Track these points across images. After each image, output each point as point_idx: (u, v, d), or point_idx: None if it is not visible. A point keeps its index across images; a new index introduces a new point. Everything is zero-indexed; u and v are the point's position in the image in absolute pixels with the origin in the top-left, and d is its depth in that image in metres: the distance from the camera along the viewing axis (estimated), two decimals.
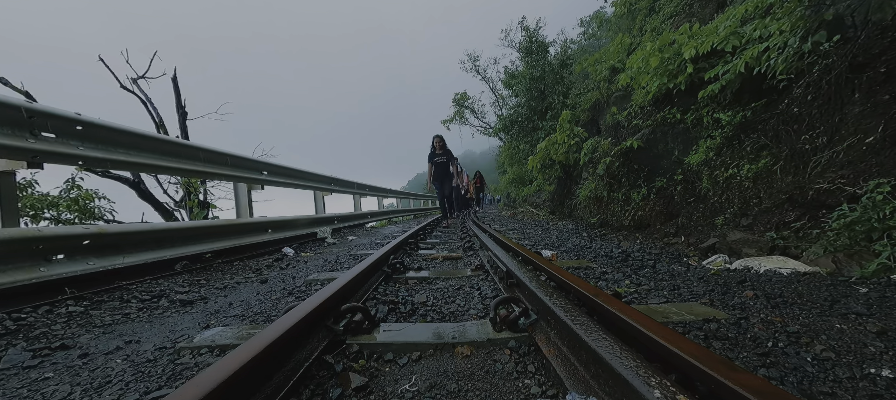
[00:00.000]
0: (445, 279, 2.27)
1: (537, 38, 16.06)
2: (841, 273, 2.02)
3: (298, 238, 4.63)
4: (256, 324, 1.57)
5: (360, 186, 8.20)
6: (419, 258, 3.10)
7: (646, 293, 1.84)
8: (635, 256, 2.92)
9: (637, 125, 4.86)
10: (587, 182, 5.76)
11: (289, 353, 1.04)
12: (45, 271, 1.96)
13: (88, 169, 5.02)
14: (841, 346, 1.16)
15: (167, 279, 2.50)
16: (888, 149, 2.20)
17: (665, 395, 0.68)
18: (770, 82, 3.00)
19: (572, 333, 1.00)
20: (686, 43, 3.72)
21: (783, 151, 2.84)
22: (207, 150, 3.61)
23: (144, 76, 6.82)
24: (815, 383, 0.97)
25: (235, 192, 4.44)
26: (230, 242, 3.43)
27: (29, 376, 1.16)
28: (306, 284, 2.27)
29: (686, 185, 3.84)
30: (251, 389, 0.85)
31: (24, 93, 5.43)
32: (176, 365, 1.18)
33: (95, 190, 5.43)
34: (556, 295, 1.32)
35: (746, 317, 1.41)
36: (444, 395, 0.98)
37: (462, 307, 1.71)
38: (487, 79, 21.60)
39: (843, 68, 2.51)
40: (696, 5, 5.55)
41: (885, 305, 1.48)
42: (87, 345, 1.42)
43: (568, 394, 0.88)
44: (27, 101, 2.19)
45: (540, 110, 14.38)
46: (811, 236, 2.39)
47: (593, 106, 7.98)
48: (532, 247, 3.63)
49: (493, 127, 21.96)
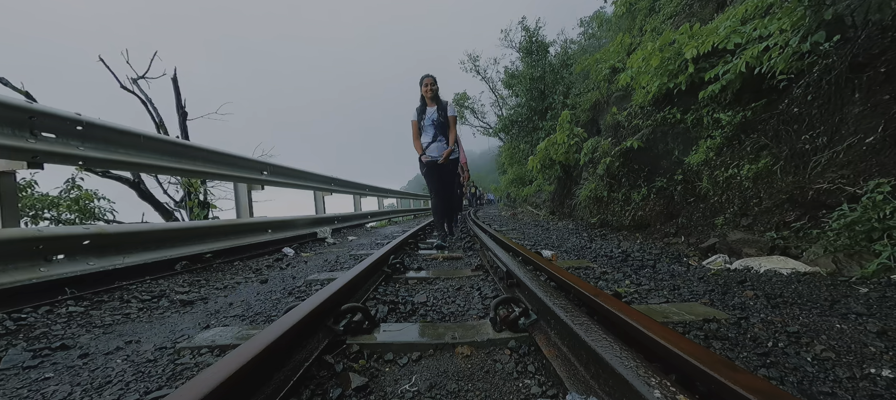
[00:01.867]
0: (445, 279, 2.27)
1: (537, 38, 16.08)
2: (841, 273, 2.02)
3: (298, 238, 4.63)
4: (256, 324, 1.57)
5: (360, 186, 8.20)
6: (419, 258, 3.10)
7: (646, 293, 1.84)
8: (635, 256, 2.92)
9: (637, 125, 4.85)
10: (587, 182, 5.76)
11: (289, 353, 1.04)
12: (45, 271, 1.96)
13: (88, 169, 5.02)
14: (841, 346, 1.16)
15: (167, 279, 2.51)
16: (888, 149, 2.20)
17: (665, 395, 0.68)
18: (770, 82, 3.00)
19: (572, 333, 1.00)
20: (686, 43, 3.71)
21: (783, 151, 2.84)
22: (207, 150, 3.61)
23: (144, 76, 6.82)
24: (816, 383, 0.97)
25: (235, 192, 4.45)
26: (230, 242, 3.43)
27: (29, 376, 1.16)
28: (306, 284, 2.27)
29: (686, 185, 3.84)
30: (251, 389, 0.85)
31: (25, 93, 5.44)
32: (176, 365, 1.18)
33: (95, 190, 5.44)
34: (557, 295, 1.31)
35: (746, 317, 1.41)
36: (445, 395, 0.98)
37: (462, 307, 1.71)
38: (487, 79, 21.62)
39: (843, 68, 2.51)
40: (696, 5, 5.55)
41: (885, 305, 1.48)
42: (88, 345, 1.42)
43: (568, 394, 0.88)
44: (27, 102, 2.19)
45: (540, 110, 14.39)
46: (811, 236, 2.39)
47: (593, 106, 7.98)
48: (532, 247, 3.63)
49: (493, 127, 21.98)
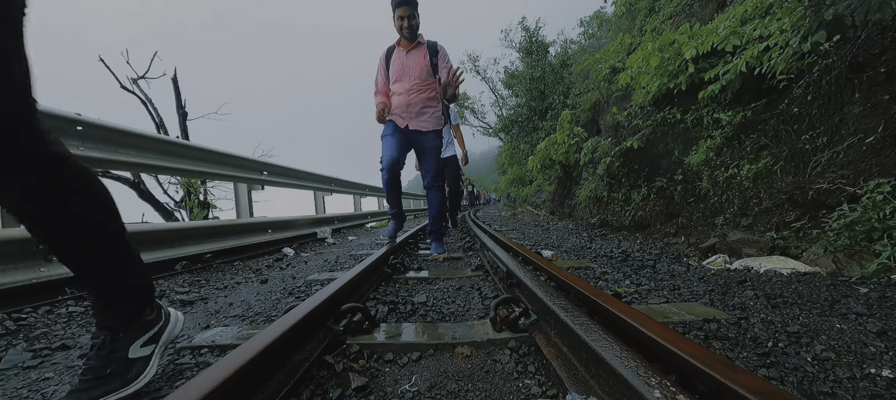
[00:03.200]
0: (445, 279, 2.27)
1: (537, 38, 16.08)
2: (841, 273, 2.02)
3: (298, 238, 4.63)
4: (256, 324, 1.57)
5: (360, 186, 8.20)
6: (419, 258, 3.10)
7: (646, 293, 1.84)
8: (635, 256, 2.92)
9: (637, 125, 4.85)
10: (587, 182, 5.76)
11: (289, 353, 1.04)
12: (45, 272, 1.97)
13: None
14: (841, 346, 1.16)
15: (167, 279, 2.51)
16: (888, 149, 2.20)
17: (665, 395, 0.68)
18: (770, 82, 3.00)
19: (572, 333, 1.00)
20: (686, 43, 3.72)
21: (783, 151, 2.84)
22: (207, 151, 3.61)
23: (144, 76, 6.83)
24: (816, 383, 0.97)
25: (235, 192, 4.45)
26: (230, 242, 3.43)
27: (29, 376, 1.16)
28: (306, 284, 2.27)
29: (686, 185, 3.84)
30: (251, 390, 0.85)
31: None
32: (176, 365, 1.18)
33: None
34: (557, 295, 1.31)
35: (746, 317, 1.41)
36: (445, 395, 0.98)
37: (462, 307, 1.71)
38: (487, 79, 21.64)
39: (843, 68, 2.51)
40: (696, 5, 5.55)
41: (885, 305, 1.48)
42: (88, 345, 1.42)
43: (568, 394, 0.88)
44: None
45: (540, 110, 14.39)
46: (811, 236, 2.39)
47: (593, 106, 7.98)
48: (532, 247, 3.63)
49: (493, 127, 21.98)
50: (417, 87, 2.98)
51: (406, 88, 2.98)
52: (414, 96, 2.98)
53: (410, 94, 2.98)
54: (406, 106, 2.99)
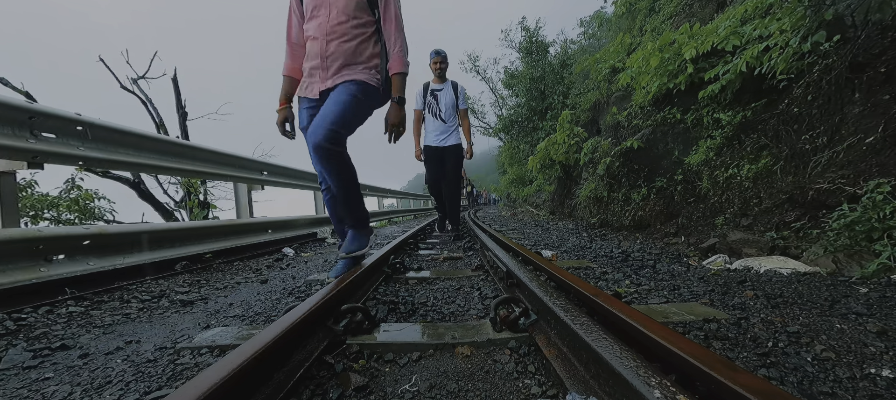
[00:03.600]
0: (446, 279, 2.27)
1: (537, 38, 16.08)
2: (841, 273, 2.02)
3: (298, 238, 4.63)
4: (256, 324, 1.57)
5: (360, 186, 8.20)
6: (419, 258, 3.10)
7: (646, 293, 1.84)
8: (635, 256, 2.92)
9: (637, 125, 4.86)
10: (587, 182, 5.76)
11: (289, 353, 1.04)
12: (45, 272, 1.96)
13: (89, 169, 5.02)
14: (841, 346, 1.15)
15: (167, 279, 2.51)
16: (888, 149, 2.20)
17: (665, 395, 0.68)
18: (770, 82, 3.00)
19: (572, 333, 1.00)
20: (686, 43, 3.72)
21: (783, 151, 2.84)
22: (207, 151, 3.61)
23: (144, 76, 6.83)
24: (816, 383, 0.97)
25: (235, 192, 4.45)
26: (230, 242, 3.43)
27: (29, 376, 1.16)
28: (306, 284, 2.27)
29: (686, 185, 3.84)
30: (251, 390, 0.85)
31: (25, 93, 5.44)
32: (176, 365, 1.18)
33: (95, 190, 5.44)
34: (557, 295, 1.31)
35: (746, 317, 1.41)
36: (445, 395, 0.98)
37: (462, 307, 1.71)
38: (487, 79, 21.64)
39: (843, 68, 2.51)
40: (696, 5, 5.55)
41: (885, 305, 1.48)
42: (88, 345, 1.42)
43: (568, 394, 0.88)
44: (27, 102, 2.19)
45: (540, 110, 14.39)
46: (811, 236, 2.39)
47: (593, 106, 7.98)
48: (532, 247, 3.63)
49: (493, 127, 21.98)
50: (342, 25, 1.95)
51: (324, 30, 1.96)
52: (334, 41, 1.95)
53: (329, 38, 1.95)
54: (321, 58, 1.97)
